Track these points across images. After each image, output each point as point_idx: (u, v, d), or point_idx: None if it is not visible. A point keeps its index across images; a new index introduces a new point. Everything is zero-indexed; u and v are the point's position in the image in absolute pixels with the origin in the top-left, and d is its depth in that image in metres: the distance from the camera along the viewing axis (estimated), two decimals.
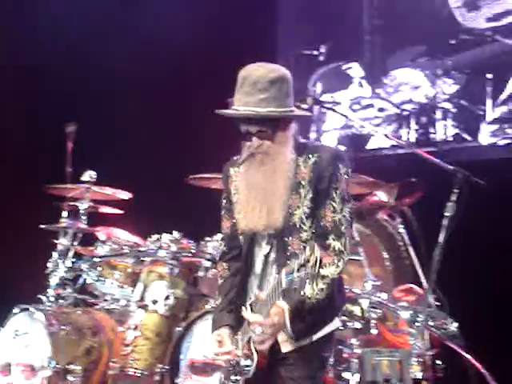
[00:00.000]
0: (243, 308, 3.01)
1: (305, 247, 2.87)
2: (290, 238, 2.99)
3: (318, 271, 2.71)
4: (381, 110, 6.25)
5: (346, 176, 3.02)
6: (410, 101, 6.17)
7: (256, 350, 2.97)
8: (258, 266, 3.09)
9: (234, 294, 3.12)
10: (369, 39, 6.33)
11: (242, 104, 2.98)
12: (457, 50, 5.99)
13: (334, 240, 2.95)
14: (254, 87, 2.96)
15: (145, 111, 6.56)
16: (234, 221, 3.13)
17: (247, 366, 3.00)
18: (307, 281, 2.80)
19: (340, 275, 2.99)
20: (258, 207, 3.01)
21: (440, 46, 6.04)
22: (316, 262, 2.70)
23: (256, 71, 3.00)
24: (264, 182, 3.01)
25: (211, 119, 6.28)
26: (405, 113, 6.16)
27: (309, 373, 3.00)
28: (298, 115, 3.11)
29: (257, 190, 3.03)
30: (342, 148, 4.59)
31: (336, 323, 3.09)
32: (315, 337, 3.01)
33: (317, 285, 2.90)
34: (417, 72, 6.12)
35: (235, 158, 3.22)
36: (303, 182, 3.01)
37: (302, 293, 2.87)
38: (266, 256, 3.05)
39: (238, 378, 3.05)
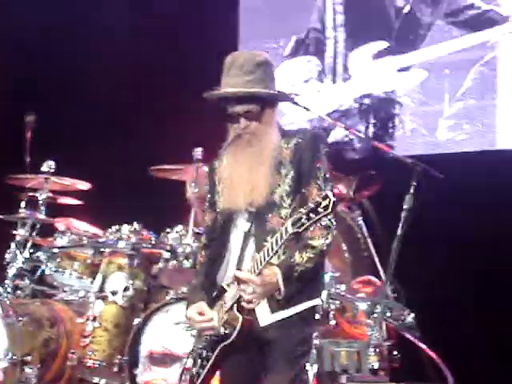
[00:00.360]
0: (235, 271, 3.05)
1: (283, 224, 2.97)
2: (270, 215, 3.07)
3: (331, 213, 2.83)
4: (341, 104, 6.29)
5: (325, 157, 3.13)
6: (370, 95, 6.22)
7: (241, 314, 3.01)
8: (236, 244, 3.14)
9: (210, 276, 3.18)
10: (332, 34, 6.37)
11: (229, 86, 3.10)
12: (416, 45, 6.04)
13: None
14: (240, 70, 3.10)
15: (106, 101, 6.51)
16: (216, 211, 3.20)
17: (226, 334, 3.04)
18: (297, 249, 2.94)
19: (328, 247, 3.07)
20: (242, 185, 3.10)
21: (400, 41, 6.09)
22: (329, 203, 2.81)
23: (242, 55, 3.17)
24: (250, 161, 3.11)
25: (173, 110, 6.33)
26: (363, 107, 6.20)
27: (290, 349, 3.05)
28: (283, 96, 3.23)
29: (242, 167, 3.12)
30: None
31: (318, 301, 3.14)
32: (296, 310, 3.06)
33: (306, 253, 3.00)
34: (377, 67, 6.17)
35: (221, 151, 3.27)
36: (284, 162, 3.10)
37: (291, 259, 2.98)
38: (247, 232, 3.11)
39: (212, 351, 3.08)
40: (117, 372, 4.77)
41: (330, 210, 2.82)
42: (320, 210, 2.83)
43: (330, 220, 3.05)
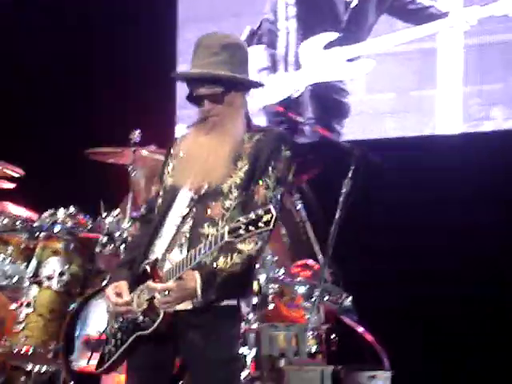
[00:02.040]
0: (145, 266, 2.98)
1: (224, 215, 2.92)
2: (213, 203, 2.98)
3: (271, 230, 2.74)
4: (292, 92, 6.35)
5: (286, 159, 3.05)
6: (319, 84, 6.30)
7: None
8: (170, 228, 3.04)
9: (138, 253, 3.08)
10: (284, 25, 6.45)
11: (194, 67, 3.04)
12: (363, 37, 6.18)
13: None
14: (207, 51, 3.03)
15: (40, 82, 6.38)
16: (163, 186, 3.12)
17: (144, 322, 2.97)
18: (221, 253, 2.85)
19: (258, 253, 2.97)
20: (199, 163, 3.02)
21: (348, 33, 6.21)
22: (271, 219, 2.70)
23: (210, 37, 3.09)
24: (211, 142, 3.03)
25: (109, 92, 6.23)
26: (314, 95, 6.31)
27: (211, 355, 2.96)
28: (248, 82, 3.12)
29: (201, 148, 3.04)
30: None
31: (233, 301, 3.01)
32: (218, 305, 2.97)
33: (231, 258, 2.90)
34: (327, 57, 6.26)
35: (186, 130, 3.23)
36: (243, 155, 3.02)
37: (214, 264, 2.89)
38: (184, 216, 3.02)
39: (127, 335, 3.01)
40: (52, 358, 4.69)
41: (271, 226, 2.71)
42: (260, 224, 2.71)
43: None
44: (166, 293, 2.90)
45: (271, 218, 2.71)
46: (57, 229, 4.93)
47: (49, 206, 5.08)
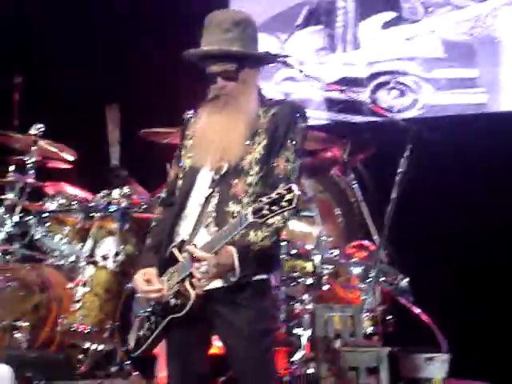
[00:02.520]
0: (190, 246, 2.95)
1: (247, 191, 2.92)
2: (236, 181, 2.98)
3: (295, 209, 2.74)
4: (350, 72, 6.27)
5: (302, 131, 3.03)
6: (378, 63, 6.22)
7: (193, 289, 2.93)
8: (193, 208, 3.04)
9: (163, 237, 3.08)
10: (342, 5, 6.40)
11: (206, 44, 3.02)
12: (421, 16, 6.13)
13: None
14: (218, 28, 3.01)
15: (94, 62, 6.40)
16: (181, 166, 3.11)
17: (176, 305, 2.97)
18: (251, 228, 2.84)
19: (284, 224, 2.97)
20: (215, 143, 3.01)
21: (407, 12, 6.14)
22: (294, 197, 2.71)
23: (221, 14, 3.09)
24: (225, 120, 3.02)
25: (164, 73, 6.23)
26: (372, 74, 6.25)
27: (245, 326, 2.96)
28: (261, 57, 3.11)
29: (216, 127, 3.03)
30: None
31: (265, 276, 3.02)
32: (245, 281, 2.96)
33: (261, 232, 2.91)
34: (386, 36, 6.21)
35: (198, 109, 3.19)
36: (259, 131, 3.02)
37: (246, 239, 2.89)
38: (208, 197, 3.01)
39: (161, 318, 3.02)
40: (108, 337, 4.73)
41: (293, 204, 2.73)
42: (283, 203, 2.73)
43: None
44: (203, 269, 2.89)
45: (293, 196, 2.72)
46: (112, 209, 4.95)
47: (104, 187, 5.11)
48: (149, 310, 3.07)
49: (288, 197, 2.73)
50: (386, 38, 6.21)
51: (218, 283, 2.95)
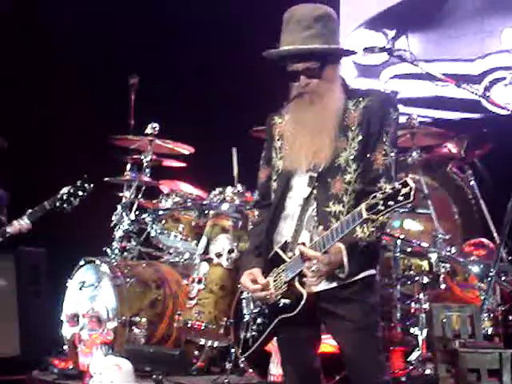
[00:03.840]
0: (299, 246, 2.91)
1: (347, 189, 2.87)
2: (334, 180, 2.92)
3: (412, 203, 2.68)
4: None
5: (395, 122, 2.96)
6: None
7: (304, 288, 2.90)
8: (292, 209, 3.00)
9: (263, 239, 3.06)
10: None
11: (287, 43, 2.97)
12: None
13: (385, 183, 2.87)
14: (298, 25, 2.95)
15: (208, 63, 6.47)
16: (271, 169, 3.08)
17: (287, 305, 2.93)
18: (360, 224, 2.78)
19: (388, 219, 2.90)
20: (306, 145, 2.96)
21: None
22: (410, 191, 2.65)
23: (299, 10, 3.00)
24: (313, 120, 2.97)
25: (271, 72, 6.23)
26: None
27: (355, 321, 2.92)
28: (344, 51, 3.06)
29: (305, 128, 2.98)
30: None
31: (373, 271, 2.98)
32: (355, 278, 2.92)
33: (367, 228, 2.85)
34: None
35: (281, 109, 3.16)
36: (352, 126, 2.96)
37: (354, 235, 2.84)
38: (306, 198, 2.97)
39: (269, 319, 3.00)
40: (223, 334, 4.77)
41: (411, 198, 2.64)
42: (400, 198, 2.65)
43: None
44: (314, 268, 2.85)
45: (410, 189, 2.65)
46: (225, 207, 4.99)
47: (217, 184, 5.15)
48: (255, 311, 3.07)
49: (404, 191, 2.66)
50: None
51: (327, 284, 2.92)
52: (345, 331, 2.95)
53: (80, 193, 4.60)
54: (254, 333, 3.07)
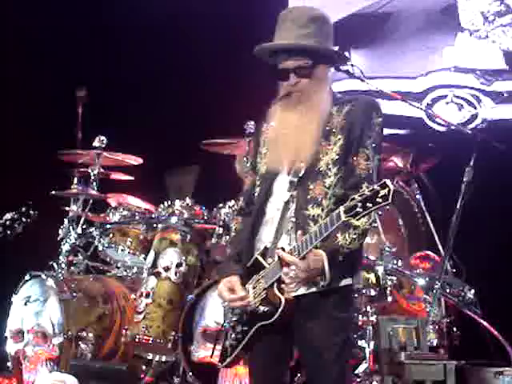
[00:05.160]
0: (278, 250, 2.88)
1: (326, 193, 2.86)
2: (314, 184, 2.91)
3: (389, 204, 2.64)
4: None
5: (379, 126, 2.96)
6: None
7: (282, 294, 2.87)
8: (273, 214, 2.99)
9: (244, 246, 3.04)
10: None
11: (281, 39, 2.98)
12: None
13: (367, 188, 2.78)
14: (293, 24, 2.97)
15: (157, 75, 6.45)
16: (257, 174, 3.07)
17: (265, 312, 2.90)
18: (339, 230, 2.76)
19: (370, 226, 2.89)
20: (288, 143, 2.96)
21: None
22: (389, 193, 2.62)
23: (296, 10, 3.08)
24: (298, 119, 2.96)
25: (224, 84, 6.25)
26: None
27: (328, 335, 2.89)
28: (335, 54, 3.03)
29: (289, 127, 2.97)
30: None
31: (350, 280, 2.94)
32: (335, 285, 2.89)
33: (349, 235, 2.83)
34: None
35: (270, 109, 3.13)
36: (335, 130, 2.95)
37: (335, 242, 2.82)
38: (286, 202, 2.96)
39: (249, 327, 2.96)
40: (171, 348, 4.74)
41: (389, 200, 2.61)
42: (378, 199, 2.62)
43: None
44: (292, 274, 2.81)
45: (388, 191, 2.62)
46: (174, 220, 4.97)
47: (165, 198, 5.13)
48: (234, 319, 3.02)
49: (383, 192, 2.62)
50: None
51: (306, 289, 2.88)
52: (311, 348, 2.90)
53: (24, 219, 4.51)
54: (232, 341, 3.01)
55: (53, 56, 6.41)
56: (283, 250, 2.86)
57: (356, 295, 3.04)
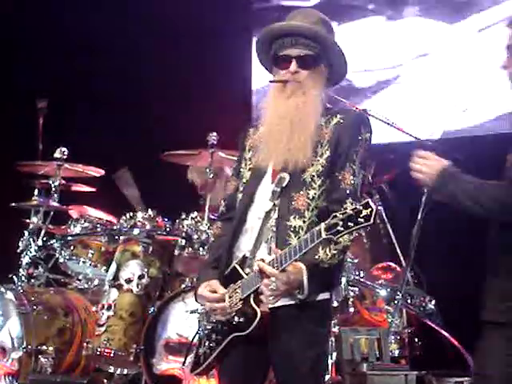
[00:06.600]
0: (258, 261, 2.83)
1: (309, 205, 2.83)
2: (297, 194, 2.88)
3: (373, 223, 2.62)
4: None
5: (366, 142, 2.93)
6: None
7: (259, 306, 2.83)
8: (253, 223, 2.94)
9: (222, 253, 3.00)
10: None
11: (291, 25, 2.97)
12: None
13: (351, 205, 2.72)
14: (305, 18, 2.97)
15: (118, 87, 6.43)
16: (241, 179, 3.03)
17: (241, 323, 2.86)
18: (320, 244, 2.74)
19: (351, 242, 2.88)
20: (284, 139, 2.90)
21: None
22: (371, 213, 2.59)
23: (306, 10, 3.08)
24: (294, 112, 2.91)
25: (186, 96, 6.24)
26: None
27: (302, 351, 2.85)
28: (340, 53, 2.99)
29: (284, 120, 2.92)
30: None
31: (328, 295, 2.93)
32: (312, 299, 2.86)
33: (329, 250, 2.80)
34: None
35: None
36: (322, 141, 2.91)
37: (315, 256, 2.79)
38: (268, 212, 2.91)
39: (223, 336, 2.92)
40: (133, 361, 4.70)
41: (371, 221, 2.59)
42: (360, 220, 2.59)
43: None
44: (272, 286, 2.77)
45: (371, 212, 2.59)
46: (136, 232, 4.94)
47: (127, 209, 5.10)
48: (209, 327, 2.97)
49: (365, 212, 2.59)
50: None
51: (284, 301, 2.84)
52: (284, 361, 2.87)
53: None
54: (206, 350, 2.97)
55: (13, 66, 6.37)
56: (263, 261, 2.82)
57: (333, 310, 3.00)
